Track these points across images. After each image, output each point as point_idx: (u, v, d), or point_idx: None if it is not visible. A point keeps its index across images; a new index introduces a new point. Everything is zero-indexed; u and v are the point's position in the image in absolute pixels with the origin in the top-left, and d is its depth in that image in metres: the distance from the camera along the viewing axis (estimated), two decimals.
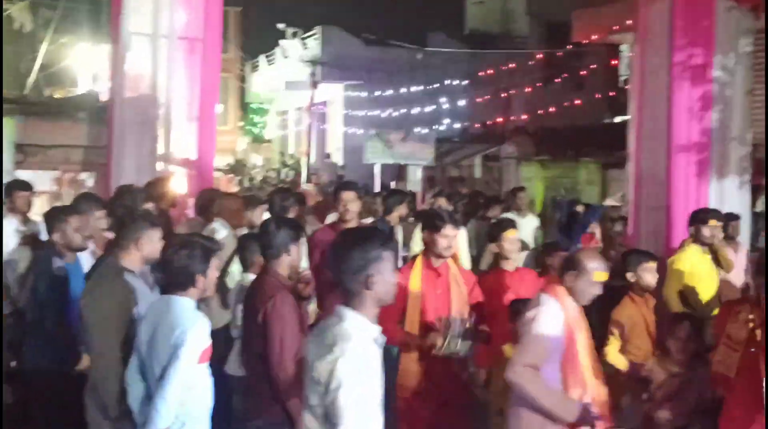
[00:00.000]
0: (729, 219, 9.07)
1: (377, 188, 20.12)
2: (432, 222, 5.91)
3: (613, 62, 24.79)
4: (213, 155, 11.29)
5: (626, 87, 21.13)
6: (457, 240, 6.11)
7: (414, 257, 6.33)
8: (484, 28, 35.77)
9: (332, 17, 34.13)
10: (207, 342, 4.58)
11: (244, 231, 7.88)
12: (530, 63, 28.36)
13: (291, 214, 7.74)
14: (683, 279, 7.76)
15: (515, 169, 24.85)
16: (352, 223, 7.14)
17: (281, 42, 37.44)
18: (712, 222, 8.03)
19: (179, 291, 4.65)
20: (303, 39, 35.38)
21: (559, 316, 4.82)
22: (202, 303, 6.40)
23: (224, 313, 6.73)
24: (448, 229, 5.84)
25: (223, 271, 6.90)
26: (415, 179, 25.08)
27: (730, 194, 9.84)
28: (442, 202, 10.29)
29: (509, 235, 6.99)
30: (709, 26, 9.47)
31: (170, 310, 4.59)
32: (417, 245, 8.79)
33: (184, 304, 4.63)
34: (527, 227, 11.42)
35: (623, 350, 6.71)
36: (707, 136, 9.61)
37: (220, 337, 6.10)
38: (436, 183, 24.54)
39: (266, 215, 8.48)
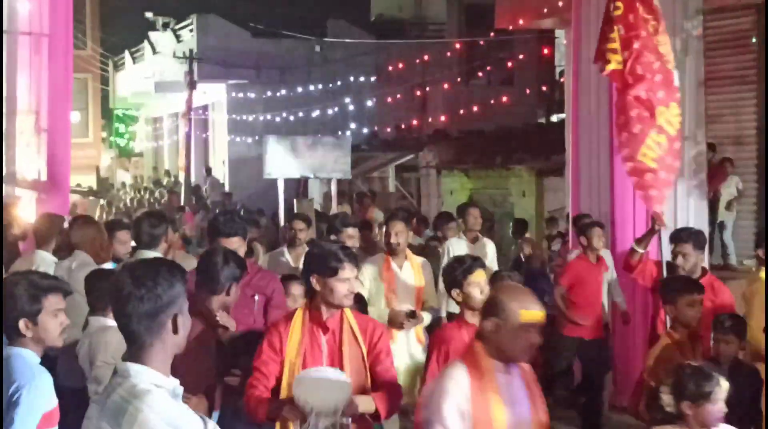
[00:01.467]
0: None
1: (281, 211, 19.44)
2: (325, 264, 5.29)
3: (545, 52, 25.21)
4: (68, 174, 11.11)
5: (562, 80, 21.55)
6: (356, 283, 5.53)
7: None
8: (393, 13, 36.03)
9: (211, 4, 33.96)
10: (50, 403, 4.47)
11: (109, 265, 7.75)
12: (448, 54, 28.64)
13: (162, 245, 7.64)
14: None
15: (436, 181, 25.05)
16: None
17: (150, 34, 37.12)
18: None
19: (13, 342, 4.54)
20: (176, 30, 35.10)
21: (462, 386, 4.39)
22: (64, 356, 6.27)
23: None
24: (348, 271, 5.29)
25: None
26: (315, 196, 25.00)
27: (684, 202, 10.08)
28: (397, 229, 8.62)
29: (476, 277, 6.30)
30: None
31: (6, 365, 4.48)
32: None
33: (24, 356, 4.52)
34: (486, 256, 10.62)
35: None
36: None
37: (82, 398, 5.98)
38: (345, 199, 24.44)
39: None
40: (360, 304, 7.03)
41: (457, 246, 10.45)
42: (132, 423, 3.18)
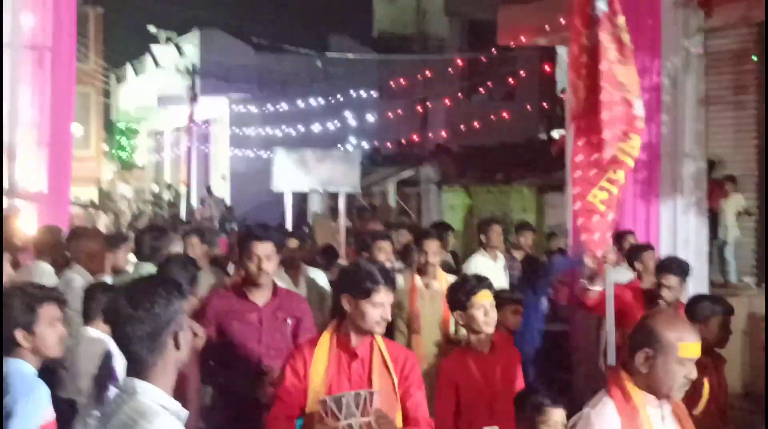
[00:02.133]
0: None
1: (288, 226, 19.20)
2: (359, 284, 4.77)
3: (546, 68, 25.20)
4: (69, 187, 11.15)
5: (563, 96, 21.55)
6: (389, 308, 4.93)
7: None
8: (396, 29, 36.05)
9: (214, 18, 34.07)
10: (47, 415, 4.45)
11: (108, 278, 7.74)
12: (450, 70, 28.63)
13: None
14: None
15: (436, 196, 25.04)
16: (267, 288, 6.15)
17: (153, 48, 37.16)
18: None
19: (10, 353, 4.53)
20: (178, 45, 35.15)
21: (612, 425, 3.94)
22: (62, 369, 6.25)
23: None
24: (382, 294, 4.77)
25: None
26: (316, 210, 24.94)
27: (683, 219, 10.06)
28: (433, 249, 8.21)
29: (481, 299, 5.94)
30: (653, 25, 9.71)
31: (3, 376, 4.47)
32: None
33: (19, 367, 4.50)
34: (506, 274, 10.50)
35: None
36: (655, 151, 9.82)
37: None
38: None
39: (131, 257, 8.37)
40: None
41: (481, 264, 9.91)
42: None
